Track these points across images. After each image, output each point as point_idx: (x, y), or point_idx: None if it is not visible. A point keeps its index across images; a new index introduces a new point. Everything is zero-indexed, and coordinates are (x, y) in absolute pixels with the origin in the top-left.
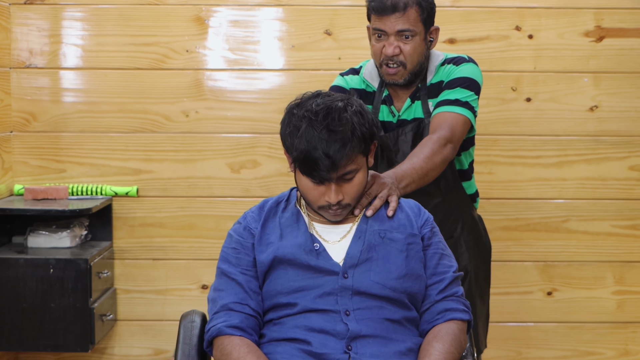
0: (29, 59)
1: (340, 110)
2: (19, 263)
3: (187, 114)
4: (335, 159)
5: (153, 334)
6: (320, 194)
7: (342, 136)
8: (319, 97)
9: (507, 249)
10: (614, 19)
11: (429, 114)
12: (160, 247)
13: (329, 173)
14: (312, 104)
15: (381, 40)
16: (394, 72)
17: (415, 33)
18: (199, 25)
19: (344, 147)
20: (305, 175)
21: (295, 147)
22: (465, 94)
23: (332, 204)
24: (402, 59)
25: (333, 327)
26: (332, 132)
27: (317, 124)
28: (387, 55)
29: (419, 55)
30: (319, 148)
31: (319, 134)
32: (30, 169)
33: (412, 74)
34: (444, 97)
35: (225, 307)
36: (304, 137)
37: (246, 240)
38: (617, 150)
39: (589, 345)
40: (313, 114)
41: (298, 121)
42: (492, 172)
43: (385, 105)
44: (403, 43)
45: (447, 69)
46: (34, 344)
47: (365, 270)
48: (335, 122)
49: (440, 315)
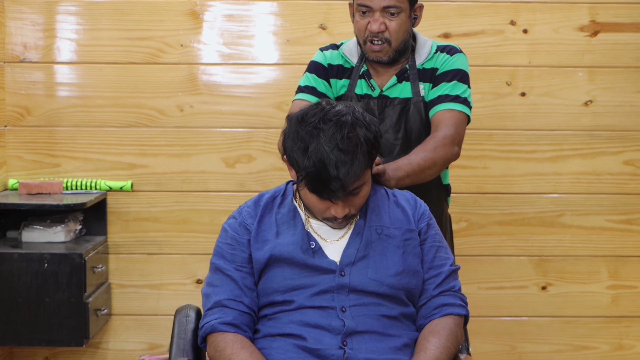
0: (23, 53)
1: (348, 128)
2: (13, 258)
3: (181, 108)
4: (345, 180)
5: (148, 328)
6: (326, 207)
7: (351, 156)
8: (324, 111)
9: (501, 243)
10: (609, 13)
11: (419, 96)
12: (155, 242)
13: (338, 193)
14: (319, 120)
15: (366, 17)
16: (379, 49)
17: (401, 9)
18: (193, 20)
19: (354, 167)
20: (313, 192)
21: (305, 167)
22: (463, 89)
23: (338, 217)
24: (388, 35)
25: (329, 322)
26: (341, 151)
27: (326, 143)
28: (373, 31)
29: (404, 33)
30: (329, 169)
31: (329, 154)
32: (25, 164)
33: (397, 51)
34: (444, 91)
35: (219, 304)
36: (313, 157)
37: (242, 236)
38: (612, 145)
39: (583, 339)
40: (321, 132)
41: (306, 138)
42: (486, 166)
43: (363, 80)
44: (389, 20)
45: (442, 58)
46: (28, 339)
47: (362, 268)
48: (344, 141)
49: (437, 310)
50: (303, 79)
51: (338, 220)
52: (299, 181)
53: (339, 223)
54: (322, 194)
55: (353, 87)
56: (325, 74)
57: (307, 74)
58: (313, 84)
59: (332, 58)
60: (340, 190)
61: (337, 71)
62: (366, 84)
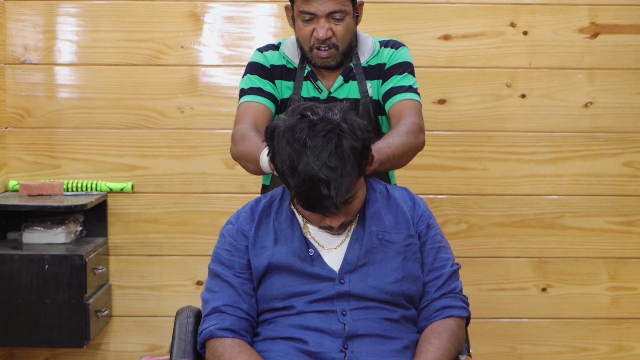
0: (24, 55)
1: (335, 142)
2: (13, 259)
3: (182, 110)
4: (337, 198)
5: (148, 329)
6: (321, 218)
7: (340, 172)
8: (311, 123)
9: (501, 245)
10: (609, 15)
11: (367, 96)
12: (155, 243)
13: (331, 209)
14: (306, 137)
15: (310, 24)
16: (327, 55)
17: (346, 13)
18: (193, 22)
19: (344, 183)
20: (306, 210)
21: (295, 186)
22: (413, 81)
23: (335, 227)
24: (335, 41)
25: (329, 326)
26: (330, 169)
27: (314, 163)
28: (320, 38)
29: (350, 35)
30: (320, 188)
31: (317, 173)
32: (25, 165)
33: (343, 54)
34: (397, 83)
35: (217, 310)
36: (303, 176)
37: (239, 242)
38: (612, 147)
39: (583, 341)
40: (309, 150)
41: (294, 157)
42: (486, 168)
43: (309, 82)
44: (334, 25)
45: (387, 52)
46: (28, 340)
47: (362, 275)
48: (332, 158)
49: (438, 313)
50: (245, 82)
51: (334, 228)
52: (292, 197)
53: (336, 231)
54: (314, 210)
55: (299, 90)
56: (269, 75)
57: (249, 76)
58: (258, 84)
59: (274, 59)
60: (332, 207)
61: (281, 72)
62: (312, 86)
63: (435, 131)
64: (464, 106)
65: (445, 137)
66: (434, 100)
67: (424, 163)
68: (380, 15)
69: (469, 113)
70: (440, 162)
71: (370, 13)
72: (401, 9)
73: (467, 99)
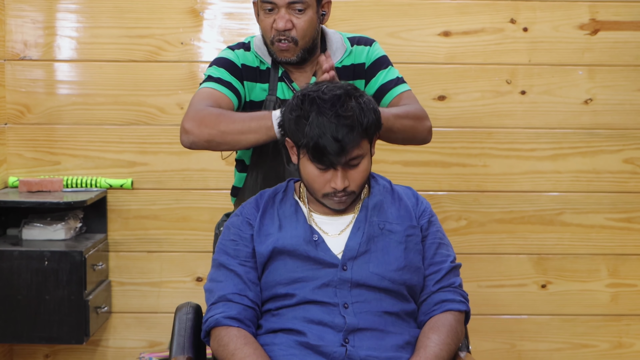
0: (24, 51)
1: (346, 98)
2: (13, 255)
3: (181, 106)
4: (344, 143)
5: (148, 326)
6: (325, 180)
7: (350, 122)
8: (323, 85)
9: (501, 241)
10: (609, 11)
11: None
12: (155, 240)
13: (337, 157)
14: (319, 92)
15: (271, 14)
16: (286, 48)
17: (307, 5)
18: (193, 18)
19: (352, 132)
20: (313, 161)
21: (306, 134)
22: (397, 72)
23: (338, 190)
24: (294, 34)
25: (331, 319)
26: (340, 117)
27: (326, 111)
28: (279, 29)
29: (312, 30)
30: (328, 133)
31: (329, 120)
32: (25, 161)
33: (304, 50)
34: (386, 78)
35: (224, 298)
36: (314, 124)
37: (244, 232)
38: (612, 143)
39: (582, 337)
40: (322, 101)
41: (307, 109)
42: (486, 164)
43: (283, 83)
44: (295, 17)
45: (361, 50)
46: (28, 336)
47: (364, 262)
48: (343, 109)
49: (437, 307)
50: (212, 71)
51: (338, 194)
52: (299, 152)
53: (339, 198)
54: (322, 159)
55: (274, 91)
56: (239, 74)
57: (216, 68)
58: (227, 78)
59: (246, 59)
60: (340, 154)
61: (255, 74)
62: (287, 88)
63: (435, 127)
64: (464, 103)
65: (445, 134)
66: (433, 97)
67: (423, 159)
68: (380, 11)
69: (469, 110)
70: (440, 159)
71: (369, 9)
72: (401, 5)
73: (467, 95)
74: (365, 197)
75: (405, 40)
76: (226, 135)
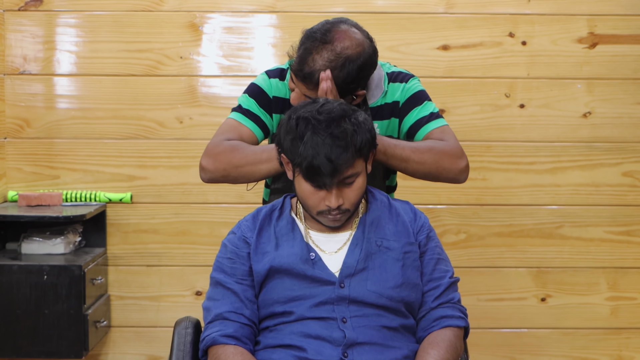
0: (23, 66)
1: (341, 119)
2: (12, 269)
3: (181, 120)
4: (337, 163)
5: (147, 340)
6: (320, 198)
7: (344, 142)
8: (319, 105)
9: (500, 255)
10: (607, 25)
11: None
12: (154, 254)
13: (331, 178)
14: (314, 112)
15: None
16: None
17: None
18: (192, 32)
19: (346, 152)
20: (307, 180)
21: (300, 154)
22: (433, 106)
23: (332, 209)
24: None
25: (330, 333)
26: (334, 138)
27: (321, 132)
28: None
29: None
30: (321, 154)
31: (323, 141)
32: (24, 175)
33: None
34: (419, 115)
35: (220, 317)
36: (309, 144)
37: (241, 249)
38: (611, 157)
39: (582, 351)
40: (317, 122)
41: (302, 128)
42: (485, 178)
43: None
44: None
45: (397, 88)
46: (27, 351)
47: (362, 280)
48: (337, 129)
49: (436, 323)
50: (243, 100)
51: (332, 212)
52: (294, 170)
53: (334, 216)
54: (315, 178)
55: None
56: (269, 105)
57: (248, 97)
58: (255, 111)
59: (279, 90)
60: (333, 175)
61: (285, 106)
62: None
63: None
64: (463, 116)
65: None
66: None
67: None
68: (379, 25)
69: (468, 123)
70: None
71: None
72: (400, 19)
73: (466, 109)
74: (363, 214)
75: (404, 54)
76: (240, 168)
